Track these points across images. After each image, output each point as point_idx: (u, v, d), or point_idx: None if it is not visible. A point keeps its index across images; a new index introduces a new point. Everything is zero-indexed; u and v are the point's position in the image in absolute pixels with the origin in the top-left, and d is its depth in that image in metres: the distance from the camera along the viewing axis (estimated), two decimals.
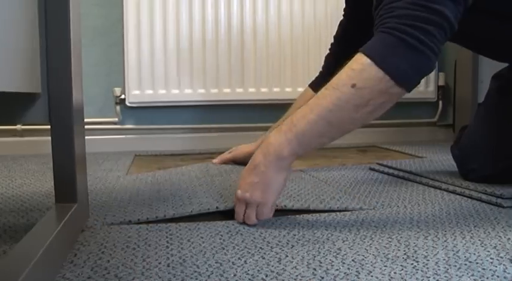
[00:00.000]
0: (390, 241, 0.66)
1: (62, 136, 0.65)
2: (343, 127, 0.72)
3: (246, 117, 1.70)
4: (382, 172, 1.17)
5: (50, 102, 0.65)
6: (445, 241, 0.66)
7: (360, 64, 0.70)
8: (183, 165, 1.36)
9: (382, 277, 0.53)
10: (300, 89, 1.65)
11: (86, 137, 1.57)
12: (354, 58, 0.72)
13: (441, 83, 1.80)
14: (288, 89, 1.63)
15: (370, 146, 1.71)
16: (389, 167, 1.19)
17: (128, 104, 1.56)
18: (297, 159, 0.76)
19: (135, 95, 1.55)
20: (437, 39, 0.70)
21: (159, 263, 0.59)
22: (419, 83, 0.73)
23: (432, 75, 1.77)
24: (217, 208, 0.79)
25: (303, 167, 1.27)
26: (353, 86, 0.69)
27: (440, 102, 1.81)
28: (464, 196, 0.93)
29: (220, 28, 1.58)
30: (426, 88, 1.77)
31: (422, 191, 0.97)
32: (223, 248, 0.64)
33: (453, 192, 0.96)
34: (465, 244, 0.65)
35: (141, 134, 1.63)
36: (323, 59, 1.67)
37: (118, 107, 1.57)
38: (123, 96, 1.57)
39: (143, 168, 1.31)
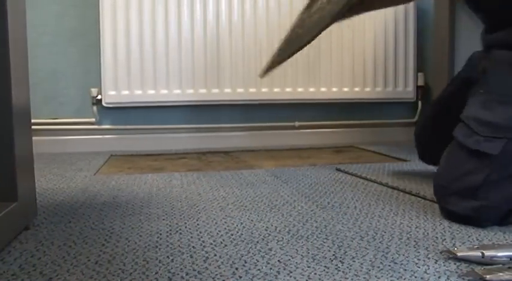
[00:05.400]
0: (325, 242, 0.66)
1: (1, 136, 0.66)
2: None
3: (222, 117, 1.70)
4: (347, 173, 1.17)
5: None
6: (380, 242, 0.66)
7: None
8: (155, 165, 1.37)
9: (301, 278, 0.54)
10: (277, 90, 1.66)
11: (63, 137, 1.62)
12: None
13: (420, 83, 1.79)
14: (264, 90, 1.64)
15: (348, 147, 1.72)
16: (346, 172, 1.19)
17: (105, 105, 1.57)
18: (269, 160, 0.77)
19: (111, 95, 1.56)
20: None
21: (89, 260, 0.60)
22: None
23: (411, 75, 1.77)
24: (163, 219, 0.80)
25: (272, 168, 1.28)
26: None
27: (420, 102, 1.81)
28: (419, 197, 0.93)
29: (196, 29, 1.59)
30: (405, 88, 1.77)
31: (380, 191, 0.98)
32: (157, 247, 0.64)
33: (409, 193, 0.96)
34: (399, 245, 0.65)
35: (117, 134, 1.63)
36: (298, 59, 1.68)
37: (95, 108, 1.58)
38: (99, 97, 1.58)
39: (114, 168, 1.32)
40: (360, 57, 1.72)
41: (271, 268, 0.57)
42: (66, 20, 1.57)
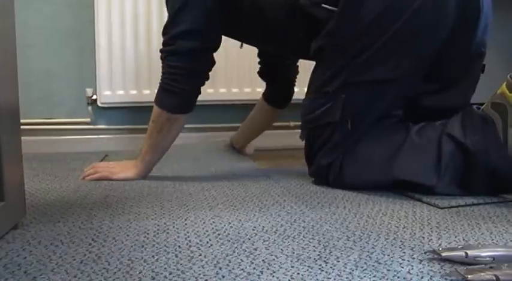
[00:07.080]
0: (311, 242, 0.66)
1: None
2: None
3: (217, 117, 1.70)
4: None
5: None
6: (366, 242, 0.67)
7: None
8: None
9: (283, 278, 0.54)
10: None
11: (58, 137, 1.62)
12: None
13: None
14: (259, 89, 1.63)
15: None
16: None
17: (100, 105, 1.57)
18: (262, 160, 0.77)
19: (106, 95, 1.56)
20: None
21: (74, 259, 0.60)
22: None
23: None
24: (152, 219, 0.80)
25: (265, 168, 1.28)
26: None
27: None
28: (408, 197, 0.93)
29: None
30: None
31: (370, 191, 0.97)
32: (143, 246, 0.64)
33: (398, 192, 0.96)
34: (385, 245, 0.65)
35: (113, 134, 1.64)
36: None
37: (90, 108, 1.59)
38: (94, 97, 1.58)
39: None
40: None
41: (254, 268, 0.57)
42: (60, 21, 1.57)
